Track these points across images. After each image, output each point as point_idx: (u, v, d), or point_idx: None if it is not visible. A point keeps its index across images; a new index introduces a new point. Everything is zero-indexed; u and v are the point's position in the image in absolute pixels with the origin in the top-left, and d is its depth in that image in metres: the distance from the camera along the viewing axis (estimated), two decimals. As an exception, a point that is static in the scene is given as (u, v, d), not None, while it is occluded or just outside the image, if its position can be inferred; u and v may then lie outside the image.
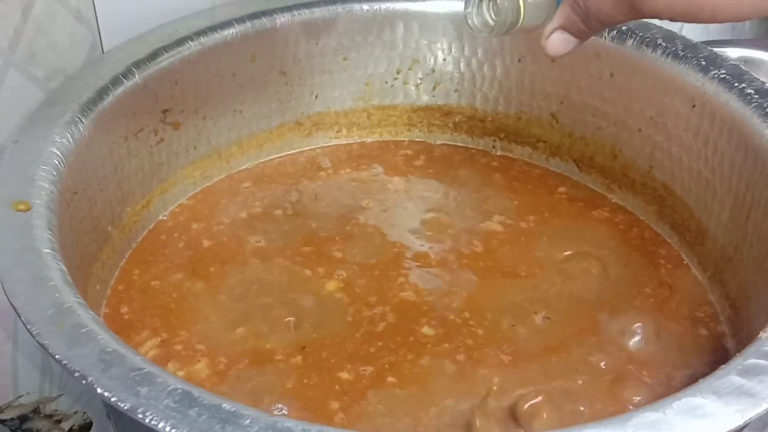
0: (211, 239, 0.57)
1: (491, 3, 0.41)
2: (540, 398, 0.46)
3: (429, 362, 0.49)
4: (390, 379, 0.48)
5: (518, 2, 0.41)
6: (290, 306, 0.52)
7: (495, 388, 0.47)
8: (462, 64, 0.65)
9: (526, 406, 0.45)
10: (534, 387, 0.47)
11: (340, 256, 0.56)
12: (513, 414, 0.45)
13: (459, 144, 0.68)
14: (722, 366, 0.38)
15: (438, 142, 0.68)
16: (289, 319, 0.51)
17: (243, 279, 0.54)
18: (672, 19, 0.35)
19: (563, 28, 0.40)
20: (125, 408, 0.34)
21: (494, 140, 0.67)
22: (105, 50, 0.58)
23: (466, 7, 0.43)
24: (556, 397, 0.47)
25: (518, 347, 0.50)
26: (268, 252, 0.56)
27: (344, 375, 0.48)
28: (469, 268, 0.56)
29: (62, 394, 0.63)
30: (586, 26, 0.39)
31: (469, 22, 0.43)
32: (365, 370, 0.48)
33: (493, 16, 0.42)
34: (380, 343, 0.50)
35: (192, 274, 0.55)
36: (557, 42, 0.40)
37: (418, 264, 0.56)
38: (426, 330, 0.51)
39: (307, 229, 0.58)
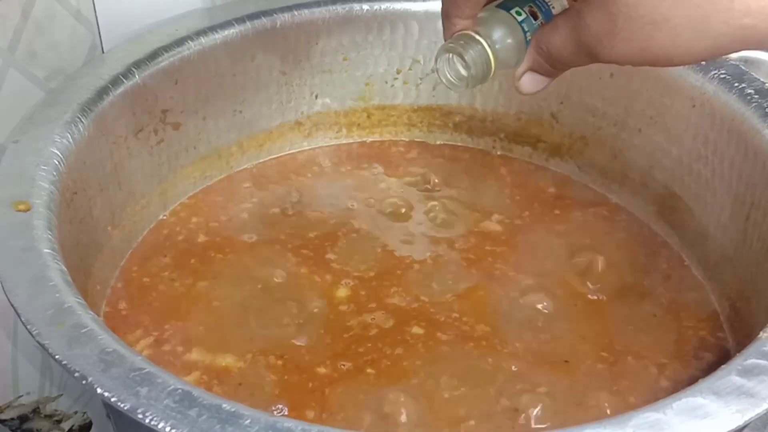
0: (210, 239, 0.57)
1: (460, 58, 0.42)
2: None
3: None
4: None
5: (487, 54, 0.41)
6: (285, 306, 0.52)
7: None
8: (462, 64, 0.65)
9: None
10: (528, 385, 0.48)
11: (338, 257, 0.56)
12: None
13: (459, 144, 0.68)
14: (722, 366, 0.38)
15: (438, 142, 0.68)
16: (283, 318, 0.51)
17: (239, 278, 0.54)
18: (632, 65, 0.37)
19: (532, 69, 0.41)
20: (125, 408, 0.34)
21: (494, 140, 0.67)
22: (105, 50, 0.58)
23: (436, 63, 0.43)
24: (552, 396, 0.47)
25: (515, 347, 0.50)
26: (267, 252, 0.56)
27: (322, 370, 0.48)
28: (469, 268, 0.55)
29: (62, 394, 0.63)
30: (552, 68, 0.40)
31: (443, 79, 0.43)
32: (344, 365, 0.48)
33: (464, 71, 0.42)
34: (369, 345, 0.50)
35: (191, 274, 0.54)
36: (528, 83, 0.42)
37: (417, 265, 0.56)
38: (416, 330, 0.51)
39: (307, 230, 0.58)
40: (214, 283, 0.54)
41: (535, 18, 0.41)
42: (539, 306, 0.53)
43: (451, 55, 0.42)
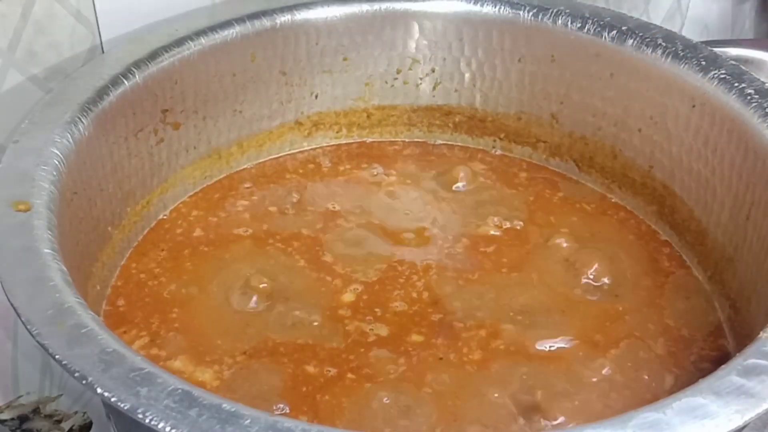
0: (209, 238, 0.57)
1: None
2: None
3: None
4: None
5: None
6: (282, 308, 0.52)
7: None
8: (462, 64, 0.65)
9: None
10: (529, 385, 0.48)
11: (338, 258, 0.56)
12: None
13: (459, 144, 0.68)
14: (722, 366, 0.38)
15: (438, 142, 0.68)
16: (280, 321, 0.51)
17: (235, 278, 0.54)
18: None
19: None
20: (125, 408, 0.34)
21: (494, 140, 0.67)
22: (105, 50, 0.59)
23: None
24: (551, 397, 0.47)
25: (515, 349, 0.50)
26: (266, 252, 0.56)
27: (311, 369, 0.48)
28: (469, 270, 0.55)
29: (62, 394, 0.63)
30: None
31: None
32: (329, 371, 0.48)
33: None
34: (362, 350, 0.49)
35: (187, 272, 0.55)
36: None
37: (418, 267, 0.56)
38: (415, 338, 0.50)
39: (307, 230, 0.58)
40: (210, 282, 0.54)
41: None
42: (536, 308, 0.53)
43: None
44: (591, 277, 0.55)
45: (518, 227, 0.59)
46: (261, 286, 0.53)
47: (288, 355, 0.49)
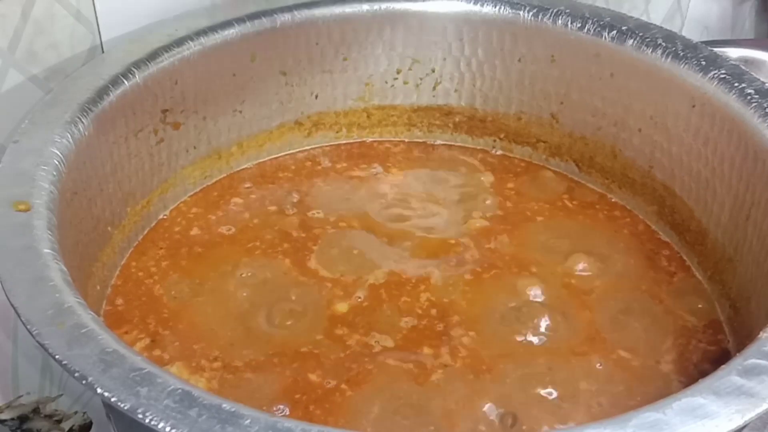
0: (208, 239, 0.57)
1: None
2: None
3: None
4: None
5: None
6: (281, 310, 0.52)
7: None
8: (462, 64, 0.65)
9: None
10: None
11: (338, 260, 0.56)
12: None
13: (459, 144, 0.68)
14: (722, 366, 0.38)
15: (438, 142, 0.68)
16: (277, 322, 0.51)
17: (237, 280, 0.54)
18: None
19: None
20: (125, 408, 0.34)
21: (494, 140, 0.67)
22: (105, 50, 0.59)
23: None
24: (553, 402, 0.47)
25: (517, 352, 0.50)
26: (265, 253, 0.56)
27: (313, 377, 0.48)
28: (469, 271, 0.55)
29: (62, 394, 0.63)
30: None
31: None
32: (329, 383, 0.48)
33: None
34: (366, 359, 0.49)
35: (185, 273, 0.54)
36: None
37: (419, 269, 0.56)
38: (426, 350, 0.50)
39: (307, 230, 0.58)
40: (211, 285, 0.54)
41: None
42: (537, 310, 0.52)
43: None
44: (590, 277, 0.55)
45: (520, 228, 0.59)
46: (257, 286, 0.53)
47: (286, 360, 0.49)
